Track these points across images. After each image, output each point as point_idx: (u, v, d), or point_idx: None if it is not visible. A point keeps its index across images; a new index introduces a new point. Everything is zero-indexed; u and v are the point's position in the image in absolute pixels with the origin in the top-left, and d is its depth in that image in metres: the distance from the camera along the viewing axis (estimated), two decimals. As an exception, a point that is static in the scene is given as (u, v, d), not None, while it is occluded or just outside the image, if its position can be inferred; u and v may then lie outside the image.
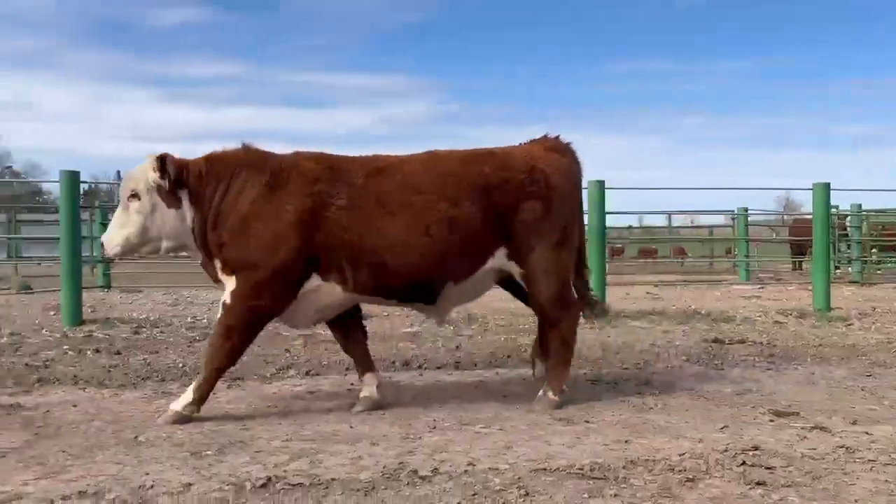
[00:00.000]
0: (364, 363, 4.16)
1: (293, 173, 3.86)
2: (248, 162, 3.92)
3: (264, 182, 3.82)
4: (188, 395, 3.72)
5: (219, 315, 3.83)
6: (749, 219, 16.35)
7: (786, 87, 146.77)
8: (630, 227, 16.89)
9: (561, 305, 4.05)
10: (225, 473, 2.86)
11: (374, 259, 3.80)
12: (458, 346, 5.75)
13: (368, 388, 4.05)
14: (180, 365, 5.12)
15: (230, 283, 3.77)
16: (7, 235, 17.58)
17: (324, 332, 6.65)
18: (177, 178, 3.80)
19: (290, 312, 3.92)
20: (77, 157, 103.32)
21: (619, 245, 22.52)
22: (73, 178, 7.06)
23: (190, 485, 2.73)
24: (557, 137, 4.27)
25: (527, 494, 2.65)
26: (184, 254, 4.26)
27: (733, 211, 16.33)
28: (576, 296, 4.22)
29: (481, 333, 6.72)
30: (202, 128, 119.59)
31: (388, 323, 7.30)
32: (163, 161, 3.78)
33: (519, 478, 2.81)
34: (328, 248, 3.77)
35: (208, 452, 3.14)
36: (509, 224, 3.95)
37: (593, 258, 8.25)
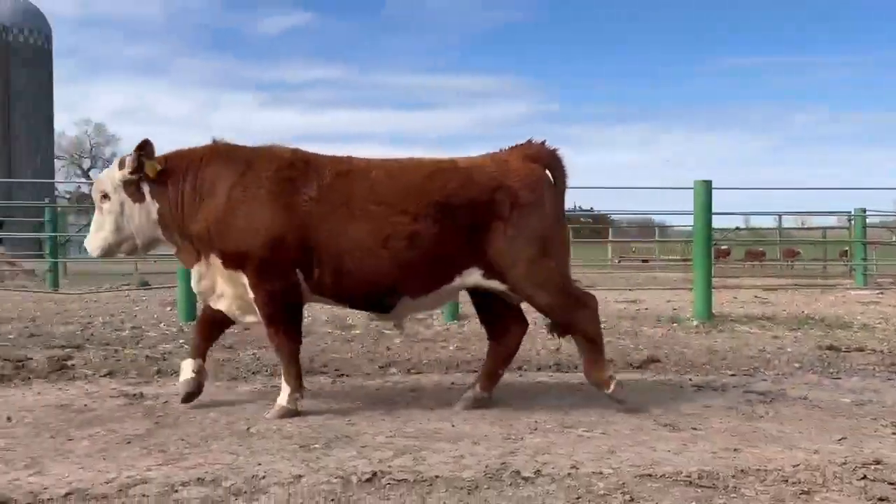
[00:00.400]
0: (202, 351, 4.13)
1: (267, 161, 3.89)
2: (215, 154, 3.99)
3: (234, 170, 3.86)
4: (285, 388, 3.85)
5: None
6: (866, 220, 15.48)
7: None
8: (737, 229, 16.29)
9: (568, 308, 3.95)
10: (332, 467, 2.95)
11: (333, 261, 3.78)
12: (558, 349, 5.70)
13: (186, 372, 4.00)
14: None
15: (241, 278, 3.83)
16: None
17: (424, 329, 6.77)
18: (137, 171, 3.88)
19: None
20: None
21: (725, 247, 21.78)
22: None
23: (300, 476, 2.83)
24: (542, 143, 4.14)
25: (632, 500, 2.61)
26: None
27: (850, 212, 15.49)
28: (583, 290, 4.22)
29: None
30: (304, 131, 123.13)
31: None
32: (122, 160, 3.94)
33: (623, 483, 2.77)
34: (298, 238, 3.77)
35: (316, 446, 3.24)
36: (478, 244, 3.85)
37: (698, 260, 8.04)
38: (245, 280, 3.81)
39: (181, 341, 6.07)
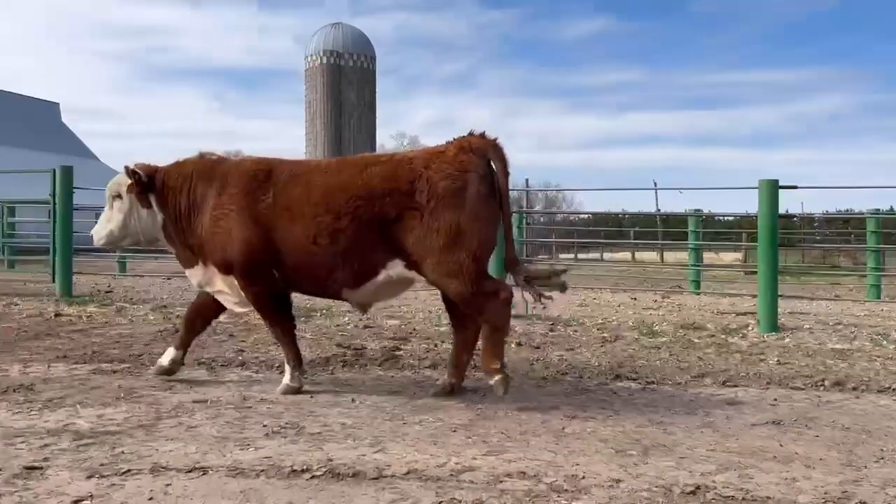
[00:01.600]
0: (185, 344, 4.69)
1: (237, 177, 4.34)
2: (202, 171, 4.46)
3: (215, 188, 4.35)
4: (288, 368, 4.37)
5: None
6: None
7: None
8: None
9: (478, 298, 4.01)
10: (652, 475, 2.90)
11: (286, 258, 4.22)
12: (902, 369, 5.04)
13: (166, 358, 4.62)
14: (595, 363, 5.32)
15: (234, 280, 4.35)
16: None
17: (739, 340, 6.38)
18: (147, 183, 4.47)
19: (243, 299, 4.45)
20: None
21: None
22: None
23: (619, 481, 2.82)
24: (481, 134, 4.18)
25: None
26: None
27: None
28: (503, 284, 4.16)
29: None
30: (604, 135, 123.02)
31: (811, 337, 6.70)
32: (128, 170, 4.48)
33: None
34: (265, 242, 4.21)
35: (632, 452, 3.22)
36: (399, 236, 4.02)
37: (763, 259, 7.30)
38: (237, 282, 4.35)
39: (493, 339, 6.38)
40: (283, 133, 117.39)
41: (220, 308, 4.66)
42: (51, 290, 9.74)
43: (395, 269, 4.14)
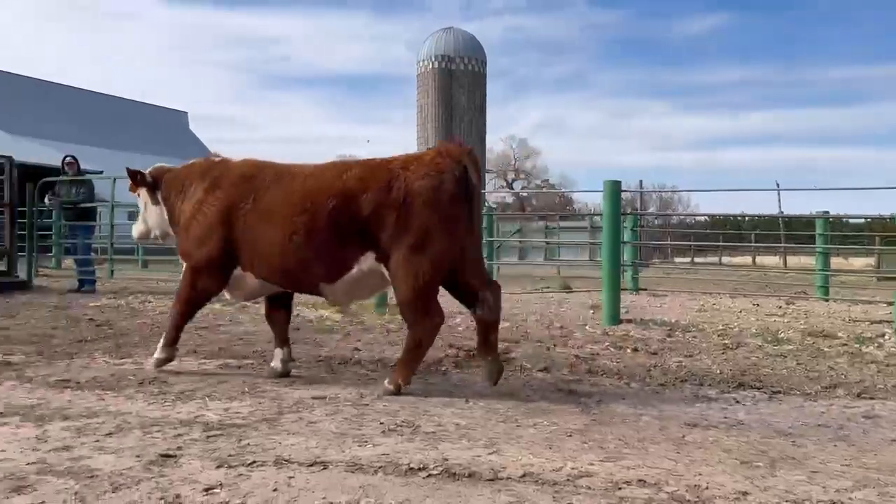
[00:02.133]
0: (281, 338, 4.90)
1: (225, 178, 4.73)
2: (199, 171, 4.91)
3: (204, 187, 4.77)
4: (159, 348, 4.91)
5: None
6: None
7: None
8: None
9: (416, 310, 4.26)
10: (780, 489, 2.76)
11: (263, 258, 4.56)
12: None
13: (276, 361, 4.85)
14: (717, 371, 5.13)
15: (184, 267, 4.86)
16: (545, 240, 19.89)
17: (875, 350, 6.00)
18: (153, 183, 5.07)
19: (229, 290, 4.84)
20: (601, 169, 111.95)
21: None
22: (615, 187, 7.67)
23: (745, 493, 2.70)
24: (458, 142, 4.44)
25: None
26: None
27: None
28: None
29: None
30: (723, 134, 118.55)
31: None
32: (129, 171, 5.17)
33: None
34: (240, 243, 4.61)
35: (759, 464, 3.07)
36: (370, 232, 4.29)
37: None
38: (184, 268, 4.88)
39: (607, 343, 6.28)
40: (395, 137, 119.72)
41: (288, 295, 4.95)
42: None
43: (367, 262, 4.39)
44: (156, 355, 4.92)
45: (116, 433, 3.35)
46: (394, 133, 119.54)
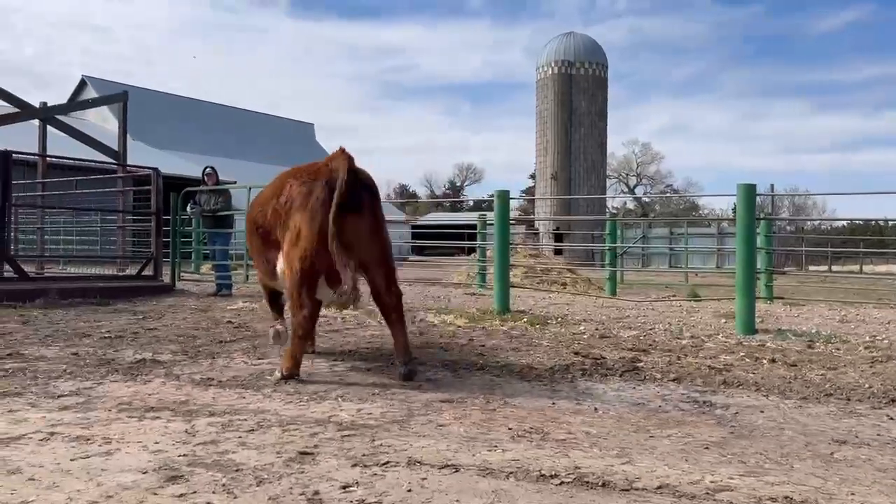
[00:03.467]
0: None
1: (284, 182, 5.04)
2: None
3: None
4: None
5: None
6: None
7: None
8: None
9: (292, 303, 4.70)
10: (947, 514, 2.55)
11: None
12: None
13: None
14: (865, 385, 4.80)
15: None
16: (670, 247, 19.28)
17: None
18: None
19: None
20: (728, 172, 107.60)
21: None
22: (749, 191, 7.32)
23: (907, 517, 2.51)
24: (341, 149, 4.74)
25: None
26: None
27: None
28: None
29: None
30: (859, 135, 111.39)
31: None
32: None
33: None
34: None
35: (920, 486, 2.85)
36: (277, 236, 4.96)
37: None
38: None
39: (741, 354, 6.00)
40: (512, 144, 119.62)
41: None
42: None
43: (280, 264, 4.92)
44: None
45: (258, 430, 3.51)
46: (510, 140, 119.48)
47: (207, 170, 12.88)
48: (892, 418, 4.01)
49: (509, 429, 3.61)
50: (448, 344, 6.37)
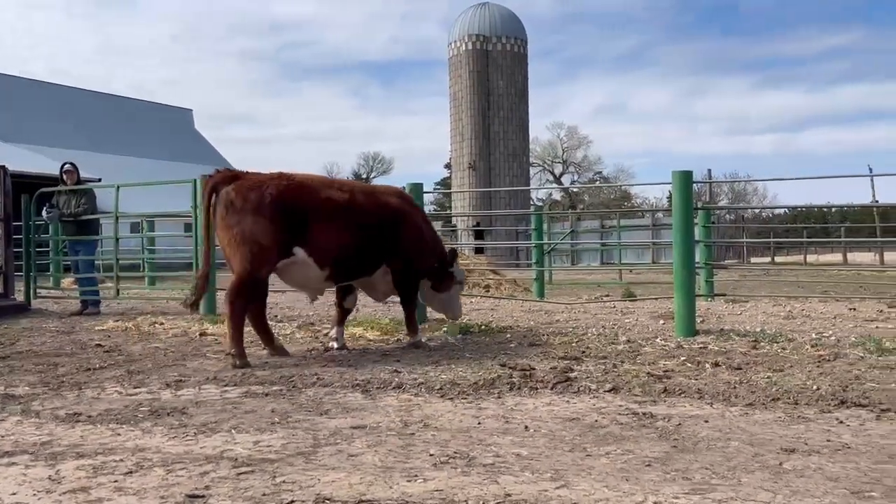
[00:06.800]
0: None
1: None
2: None
3: None
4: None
5: None
6: None
7: None
8: None
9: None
10: (902, 523, 2.70)
11: None
12: None
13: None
14: (813, 387, 5.03)
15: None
16: (602, 241, 19.75)
17: None
18: None
19: None
20: (663, 157, 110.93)
21: None
22: (686, 179, 7.56)
23: (860, 529, 2.64)
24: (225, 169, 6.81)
25: None
26: None
27: None
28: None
29: None
30: (807, 113, 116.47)
31: None
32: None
33: None
34: None
35: (873, 494, 3.01)
36: None
37: None
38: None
39: (682, 358, 6.21)
40: (428, 130, 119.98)
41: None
42: (194, 308, 10.45)
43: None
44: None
45: (136, 472, 3.40)
46: (426, 124, 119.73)
47: (66, 166, 12.41)
48: (841, 422, 4.22)
49: (431, 455, 3.62)
50: (358, 361, 6.34)
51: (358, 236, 6.65)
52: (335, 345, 7.03)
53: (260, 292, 6.63)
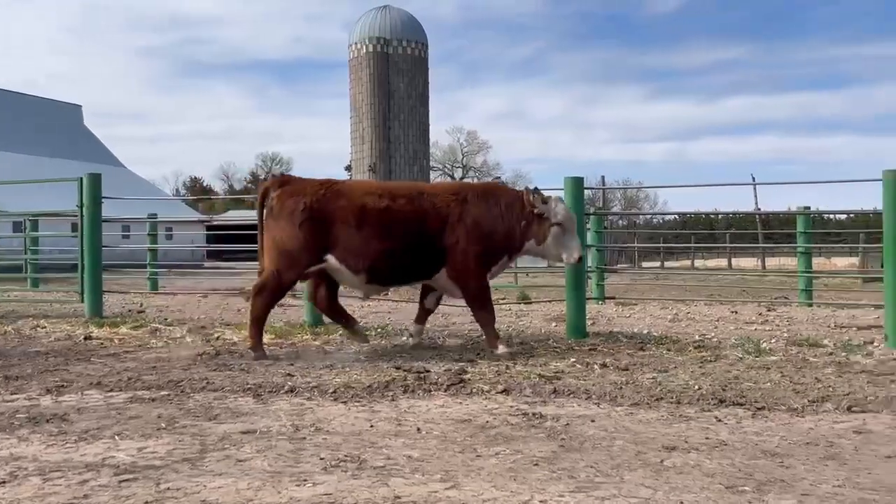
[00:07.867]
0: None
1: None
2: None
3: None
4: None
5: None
6: None
7: None
8: None
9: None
10: (770, 515, 2.84)
11: None
12: None
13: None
14: (695, 387, 5.24)
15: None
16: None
17: (863, 359, 6.19)
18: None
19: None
20: (560, 163, 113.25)
21: None
22: (577, 184, 7.76)
23: (733, 522, 2.77)
24: (280, 174, 7.27)
25: None
26: None
27: None
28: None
29: None
30: (696, 123, 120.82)
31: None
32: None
33: None
34: None
35: (745, 488, 3.15)
36: None
37: (891, 263, 7.01)
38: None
39: (572, 360, 6.35)
40: (330, 131, 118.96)
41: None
42: (79, 311, 10.08)
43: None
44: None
45: (11, 482, 3.26)
46: (328, 127, 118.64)
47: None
48: (720, 420, 4.40)
49: (321, 459, 3.60)
50: (249, 366, 6.24)
51: (397, 241, 6.63)
52: (412, 341, 7.33)
53: (327, 282, 7.11)
